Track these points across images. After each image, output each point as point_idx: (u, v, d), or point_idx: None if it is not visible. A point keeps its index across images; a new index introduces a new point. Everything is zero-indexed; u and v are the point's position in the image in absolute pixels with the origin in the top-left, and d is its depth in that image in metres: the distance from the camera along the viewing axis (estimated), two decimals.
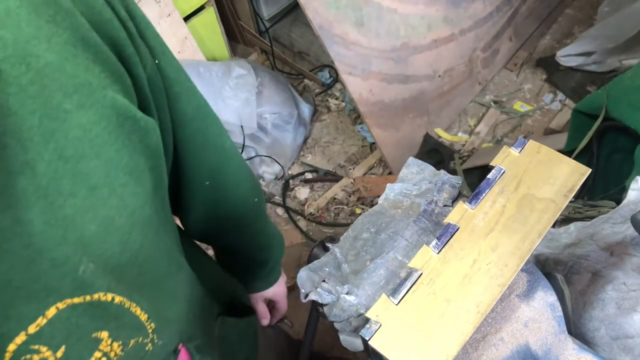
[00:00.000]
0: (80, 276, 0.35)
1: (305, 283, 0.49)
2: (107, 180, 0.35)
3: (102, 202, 0.35)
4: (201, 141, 0.50)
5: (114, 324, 0.40)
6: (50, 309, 0.35)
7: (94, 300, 0.37)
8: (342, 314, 0.45)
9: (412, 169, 0.56)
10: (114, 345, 0.41)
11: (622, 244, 0.55)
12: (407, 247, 0.47)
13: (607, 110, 1.11)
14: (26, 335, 0.34)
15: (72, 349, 0.37)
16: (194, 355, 0.55)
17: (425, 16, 1.71)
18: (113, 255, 0.38)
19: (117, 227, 0.37)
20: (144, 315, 0.44)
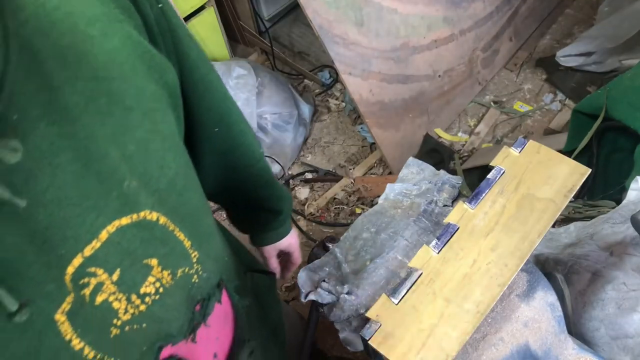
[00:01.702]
0: (125, 191, 0.37)
1: (305, 283, 0.49)
2: (139, 104, 0.37)
3: (137, 124, 0.37)
4: (206, 86, 0.52)
5: (162, 251, 0.42)
6: (102, 233, 0.37)
7: (140, 220, 0.39)
8: (342, 314, 0.45)
9: (412, 169, 0.56)
10: (164, 273, 0.43)
11: (621, 244, 0.55)
12: (407, 247, 0.47)
13: (607, 111, 1.11)
14: (82, 257, 0.36)
15: (126, 273, 0.39)
16: (232, 295, 0.58)
17: (425, 16, 1.71)
18: (152, 178, 0.40)
19: (153, 150, 0.39)
20: (187, 242, 0.46)
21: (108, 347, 0.40)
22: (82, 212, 0.35)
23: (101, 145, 0.35)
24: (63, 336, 0.36)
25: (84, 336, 0.38)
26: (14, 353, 0.33)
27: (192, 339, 0.51)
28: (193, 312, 0.50)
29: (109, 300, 0.39)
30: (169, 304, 0.45)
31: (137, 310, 0.42)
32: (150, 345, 0.45)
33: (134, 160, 0.38)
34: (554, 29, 2.26)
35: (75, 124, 0.33)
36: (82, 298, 0.37)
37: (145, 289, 0.42)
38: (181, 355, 0.50)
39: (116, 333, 0.41)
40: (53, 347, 0.36)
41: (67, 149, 0.33)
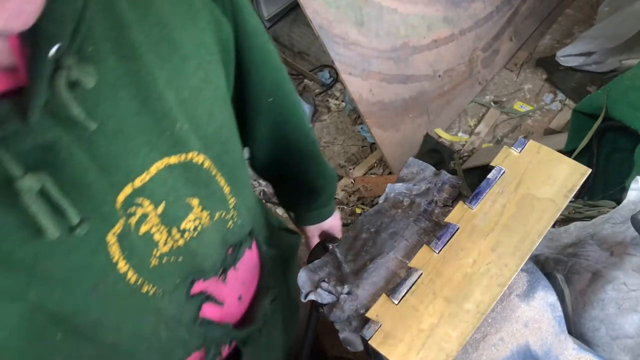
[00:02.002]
0: (177, 132, 0.40)
1: (305, 283, 0.49)
2: (195, 54, 0.40)
3: (192, 72, 0.40)
4: (262, 57, 0.54)
5: (204, 192, 0.45)
6: (152, 167, 0.39)
7: (187, 161, 0.42)
8: (342, 314, 0.45)
9: (413, 169, 0.56)
10: (203, 213, 0.46)
11: (622, 244, 0.55)
12: (407, 247, 0.47)
13: (607, 111, 1.11)
14: (132, 187, 0.39)
15: (170, 208, 0.42)
16: (261, 245, 0.61)
17: (425, 16, 1.71)
18: (201, 125, 0.43)
19: (204, 99, 0.42)
20: (227, 187, 0.49)
21: (147, 275, 0.43)
22: (136, 145, 0.37)
23: (159, 87, 0.37)
24: (111, 257, 0.39)
25: (129, 260, 0.40)
26: (70, 266, 0.36)
27: (223, 279, 0.54)
28: (226, 254, 0.53)
29: (152, 231, 0.42)
30: (205, 242, 0.48)
31: (175, 244, 0.45)
32: (184, 278, 0.48)
33: (187, 105, 0.40)
34: (554, 28, 2.26)
35: (139, 62, 0.35)
36: (129, 226, 0.40)
37: (186, 225, 0.45)
38: (210, 293, 0.53)
39: (155, 264, 0.44)
40: (102, 266, 0.39)
41: (130, 85, 0.35)
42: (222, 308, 0.57)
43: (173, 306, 0.48)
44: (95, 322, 0.41)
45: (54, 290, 0.36)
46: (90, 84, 0.31)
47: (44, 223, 0.31)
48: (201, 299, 0.52)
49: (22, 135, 0.30)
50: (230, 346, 0.60)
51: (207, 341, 0.55)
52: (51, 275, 0.36)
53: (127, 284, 0.41)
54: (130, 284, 0.42)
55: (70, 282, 0.37)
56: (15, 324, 0.36)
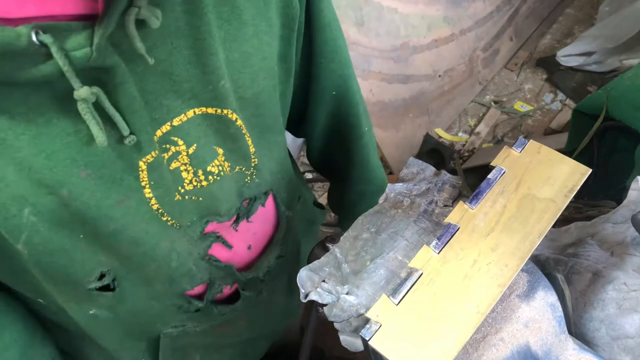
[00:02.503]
0: (220, 89, 0.43)
1: (305, 283, 0.49)
2: (253, 21, 0.44)
3: (246, 38, 0.44)
4: (333, 49, 0.57)
5: (229, 145, 0.49)
6: (190, 112, 0.43)
7: (222, 115, 0.46)
8: (342, 314, 0.45)
9: (413, 169, 0.56)
10: (225, 163, 0.50)
11: (622, 244, 0.55)
12: (407, 247, 0.47)
13: (607, 110, 1.11)
14: (170, 126, 0.43)
15: (200, 150, 0.46)
16: (279, 205, 0.65)
17: (425, 16, 1.70)
18: (243, 86, 0.46)
19: (251, 64, 0.46)
20: (252, 147, 0.52)
21: (169, 207, 0.47)
22: (180, 89, 0.41)
23: (214, 44, 0.41)
24: (140, 181, 0.43)
25: (154, 189, 0.44)
26: (102, 177, 0.40)
27: (235, 227, 0.59)
28: (241, 205, 0.57)
29: (181, 169, 0.46)
30: (224, 188, 0.52)
31: (199, 184, 0.49)
32: (200, 217, 0.52)
33: (234, 66, 0.44)
34: (555, 28, 2.26)
35: (202, 18, 0.39)
36: (162, 159, 0.44)
37: (211, 169, 0.49)
38: (220, 234, 0.58)
39: (178, 199, 0.48)
40: (131, 186, 0.43)
41: (188, 37, 0.39)
42: (230, 251, 0.61)
43: (187, 240, 0.53)
44: (114, 232, 0.44)
45: (83, 193, 0.40)
46: (155, 25, 0.35)
47: (95, 130, 0.35)
48: (212, 238, 0.56)
49: (86, 55, 0.33)
50: (231, 287, 0.65)
51: (212, 277, 0.60)
52: (83, 181, 0.39)
53: (150, 209, 0.45)
54: (152, 210, 0.46)
55: (98, 191, 0.41)
56: (47, 212, 0.40)
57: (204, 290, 0.61)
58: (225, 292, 0.64)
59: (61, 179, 0.38)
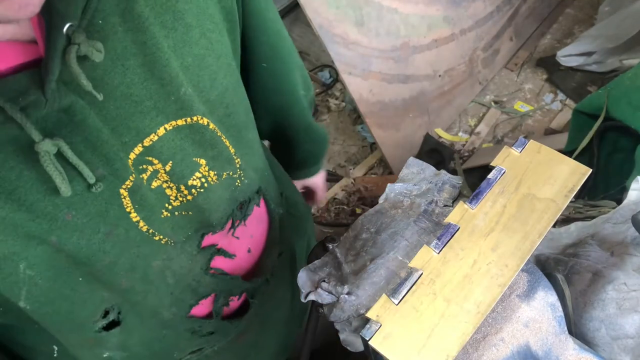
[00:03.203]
0: (182, 97, 0.43)
1: (305, 283, 0.49)
2: (198, 22, 0.43)
3: (195, 40, 0.43)
4: (260, 22, 0.56)
5: (210, 153, 0.49)
6: (160, 129, 0.43)
7: (193, 123, 0.45)
8: (342, 314, 0.45)
9: (413, 169, 0.56)
10: (210, 173, 0.50)
11: (622, 244, 0.55)
12: (408, 247, 0.47)
13: (607, 110, 1.11)
14: (142, 147, 0.42)
15: (177, 166, 0.46)
16: (269, 203, 0.65)
17: (425, 16, 1.70)
18: (204, 90, 0.45)
19: (207, 65, 0.45)
20: (232, 148, 0.52)
21: (158, 226, 0.47)
22: (144, 109, 0.41)
23: (165, 55, 0.40)
24: (124, 207, 0.43)
25: (139, 212, 0.44)
26: (86, 216, 0.40)
27: (232, 233, 0.58)
28: (233, 210, 0.56)
29: (163, 186, 0.46)
30: (211, 198, 0.51)
31: (185, 199, 0.49)
32: (194, 231, 0.52)
33: (191, 71, 0.43)
34: (555, 28, 2.26)
35: (145, 33, 0.38)
36: (141, 180, 0.44)
37: (193, 182, 0.48)
38: (220, 247, 0.57)
39: (167, 215, 0.48)
40: (116, 215, 0.43)
41: (137, 55, 0.39)
42: (233, 260, 0.61)
43: (185, 256, 0.53)
44: (109, 265, 0.45)
45: (71, 235, 0.40)
46: (98, 59, 0.34)
47: (58, 182, 0.35)
48: (212, 251, 0.56)
49: (41, 103, 0.33)
50: (239, 298, 0.64)
51: (217, 290, 0.60)
52: (69, 223, 0.40)
53: (139, 231, 0.46)
54: (142, 232, 0.46)
55: (86, 228, 0.41)
56: (41, 263, 0.40)
57: (211, 306, 0.61)
58: (232, 305, 0.64)
59: (47, 227, 0.38)
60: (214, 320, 0.61)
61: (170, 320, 0.55)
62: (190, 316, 0.58)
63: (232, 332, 0.65)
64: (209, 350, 0.63)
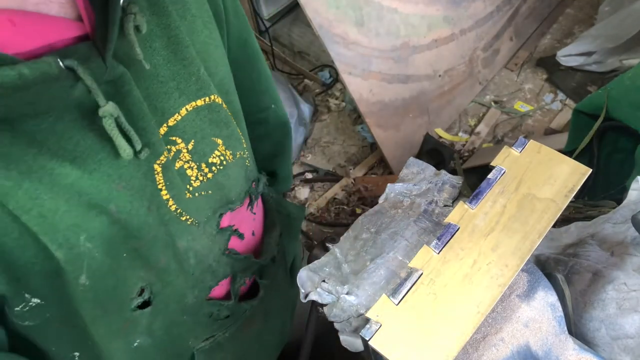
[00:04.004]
0: (202, 77, 0.46)
1: (305, 283, 0.49)
2: (200, 15, 0.46)
3: (200, 29, 0.46)
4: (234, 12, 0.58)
5: (225, 132, 0.51)
6: (182, 109, 0.45)
7: (211, 103, 0.48)
8: (342, 314, 0.45)
9: (413, 169, 0.56)
10: (226, 152, 0.53)
11: (622, 244, 0.55)
12: (408, 247, 0.47)
13: (607, 110, 1.11)
14: (167, 127, 0.44)
15: (199, 145, 0.48)
16: (264, 187, 0.67)
17: (425, 16, 1.70)
18: (212, 74, 0.48)
19: (211, 52, 0.48)
20: (239, 130, 0.55)
21: (184, 206, 0.49)
22: (169, 90, 0.43)
23: (185, 38, 0.43)
24: (157, 184, 0.44)
25: (169, 190, 0.46)
26: (133, 186, 0.42)
27: (251, 209, 0.62)
28: (250, 186, 0.60)
29: (184, 167, 0.48)
30: (230, 175, 0.54)
31: (205, 178, 0.51)
32: (213, 211, 0.54)
33: (201, 56, 0.46)
34: (555, 28, 2.26)
35: (168, 17, 0.41)
36: (169, 159, 0.45)
37: (213, 160, 0.51)
38: (236, 227, 0.60)
39: (189, 197, 0.49)
40: (153, 191, 0.44)
41: (161, 37, 0.41)
42: (242, 242, 0.64)
43: (206, 237, 0.55)
44: (152, 240, 0.46)
45: (125, 205, 0.42)
46: (144, 30, 0.37)
47: (122, 144, 0.37)
48: (229, 232, 0.59)
49: (102, 70, 0.35)
50: (250, 279, 0.67)
51: (233, 271, 0.62)
52: (122, 193, 0.41)
53: (169, 210, 0.47)
54: (172, 211, 0.47)
55: (135, 200, 0.43)
56: (99, 235, 0.41)
57: (227, 287, 0.63)
58: (247, 283, 0.67)
59: (106, 195, 0.40)
60: (232, 302, 0.63)
61: (192, 304, 0.57)
62: (210, 298, 0.60)
63: (242, 316, 0.67)
64: (220, 337, 0.65)
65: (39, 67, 0.31)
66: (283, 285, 0.79)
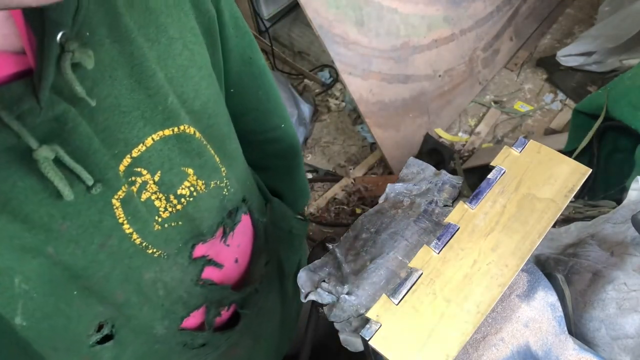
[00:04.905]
0: (169, 106, 0.43)
1: (305, 283, 0.49)
2: (180, 35, 0.43)
3: (178, 52, 0.44)
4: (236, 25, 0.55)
5: (197, 162, 0.49)
6: (148, 139, 0.43)
7: (180, 133, 0.45)
8: (342, 314, 0.45)
9: (413, 169, 0.56)
10: (198, 182, 0.50)
11: (622, 244, 0.55)
12: (408, 247, 0.47)
13: (607, 110, 1.11)
14: (131, 158, 0.42)
15: (166, 175, 0.46)
16: (253, 212, 0.66)
17: (425, 16, 1.70)
18: (188, 100, 0.46)
19: (190, 76, 0.46)
20: (217, 157, 0.52)
21: (151, 239, 0.47)
22: (132, 119, 0.41)
23: (150, 66, 0.40)
24: (117, 218, 0.43)
25: (132, 224, 0.44)
26: (81, 225, 0.40)
27: (224, 242, 0.59)
28: (224, 218, 0.57)
29: (152, 198, 0.46)
30: (201, 207, 0.52)
31: (174, 209, 0.49)
32: (185, 242, 0.52)
33: (175, 82, 0.44)
34: (555, 28, 2.26)
35: (131, 44, 0.39)
36: (132, 193, 0.43)
37: (182, 191, 0.49)
38: (211, 257, 0.57)
39: (158, 229, 0.48)
40: (109, 226, 0.43)
41: (124, 65, 0.39)
42: (221, 271, 0.61)
43: (177, 268, 0.53)
44: (104, 277, 0.45)
45: (67, 246, 0.40)
46: (90, 65, 0.35)
47: (61, 187, 0.36)
48: (203, 262, 0.56)
49: (35, 111, 0.33)
50: (228, 309, 0.64)
51: (207, 301, 0.60)
52: (65, 233, 0.40)
53: (132, 244, 0.45)
54: (136, 244, 0.46)
55: (81, 239, 0.41)
56: (37, 277, 0.39)
57: (202, 317, 0.61)
58: (223, 316, 0.64)
59: (43, 238, 0.38)
60: (206, 332, 0.61)
61: (163, 334, 0.55)
62: (182, 329, 0.58)
63: (223, 344, 0.65)
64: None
65: None
66: (276, 307, 0.76)
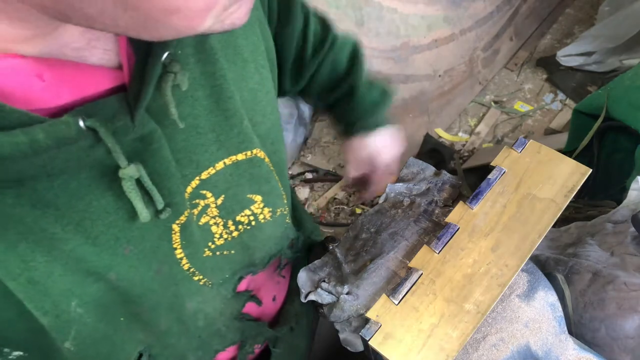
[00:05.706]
0: (245, 130, 0.43)
1: (305, 283, 0.49)
2: (253, 58, 0.43)
3: (250, 75, 0.43)
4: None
5: (265, 189, 0.48)
6: (219, 163, 0.42)
7: (252, 157, 0.45)
8: (342, 314, 0.45)
9: (413, 169, 0.56)
10: (265, 210, 0.49)
11: (622, 244, 0.55)
12: (408, 247, 0.47)
13: (607, 110, 1.11)
14: (199, 180, 0.42)
15: (228, 200, 0.45)
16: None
17: (425, 16, 1.70)
18: (257, 123, 0.45)
19: (259, 99, 0.45)
20: (279, 183, 0.51)
21: (199, 265, 0.46)
22: (206, 141, 0.40)
23: (229, 87, 0.40)
24: (172, 243, 0.42)
25: (185, 248, 0.43)
26: (143, 249, 0.39)
27: (279, 273, 0.58)
28: (282, 247, 0.56)
29: (210, 223, 0.45)
30: (257, 236, 0.50)
31: (230, 236, 0.47)
32: (233, 273, 0.51)
33: (247, 105, 0.43)
34: (555, 28, 2.26)
35: (214, 65, 0.39)
36: (192, 216, 0.42)
37: (241, 218, 0.47)
38: (254, 292, 0.56)
39: (208, 254, 0.47)
40: (165, 251, 0.42)
41: (205, 86, 0.39)
42: (259, 308, 0.60)
43: (220, 299, 0.51)
44: (154, 305, 0.44)
45: (128, 272, 0.39)
46: (185, 87, 0.35)
47: (139, 207, 0.35)
48: (245, 297, 0.55)
49: (128, 129, 0.32)
50: (262, 346, 0.62)
51: (244, 337, 0.58)
52: (127, 258, 0.39)
53: (181, 269, 0.44)
54: (184, 270, 0.45)
55: (141, 265, 0.40)
56: (93, 302, 0.39)
57: (235, 352, 0.59)
58: (256, 351, 0.62)
59: (108, 262, 0.37)
60: None
61: None
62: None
63: None
64: None
65: (56, 131, 0.28)
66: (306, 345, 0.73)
